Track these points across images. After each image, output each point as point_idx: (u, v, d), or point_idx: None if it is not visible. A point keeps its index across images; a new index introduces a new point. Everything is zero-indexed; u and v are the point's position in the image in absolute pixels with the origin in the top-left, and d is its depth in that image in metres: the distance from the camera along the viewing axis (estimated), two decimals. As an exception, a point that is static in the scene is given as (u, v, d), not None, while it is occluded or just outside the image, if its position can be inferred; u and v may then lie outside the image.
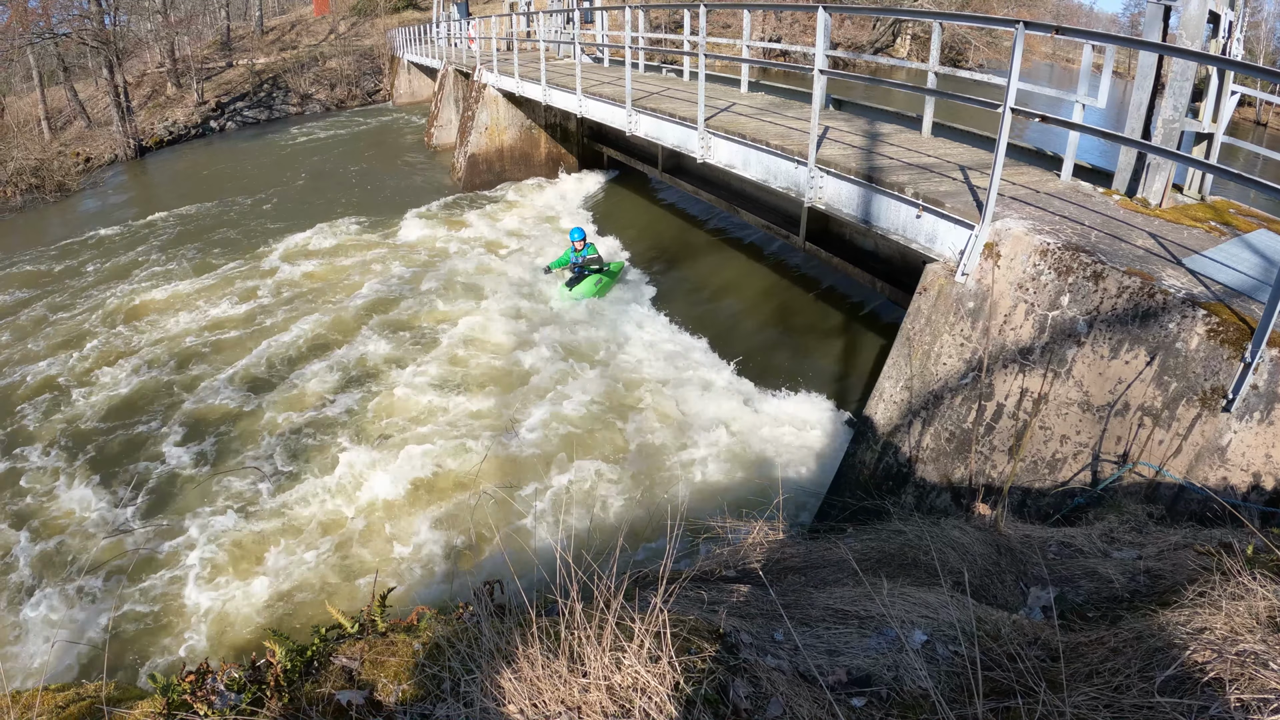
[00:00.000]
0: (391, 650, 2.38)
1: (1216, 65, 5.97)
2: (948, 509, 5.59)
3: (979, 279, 5.83)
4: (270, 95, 38.69)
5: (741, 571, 3.67)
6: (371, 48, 42.86)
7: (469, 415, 8.89)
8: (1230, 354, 4.39)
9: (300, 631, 6.03)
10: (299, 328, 11.40)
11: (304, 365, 10.36)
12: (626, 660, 2.09)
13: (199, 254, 15.45)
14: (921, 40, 46.82)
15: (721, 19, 40.20)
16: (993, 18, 6.94)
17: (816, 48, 7.58)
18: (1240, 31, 6.42)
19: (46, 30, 32.07)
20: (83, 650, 6.16)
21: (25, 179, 25.30)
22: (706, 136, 9.64)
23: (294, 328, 11.41)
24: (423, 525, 7.21)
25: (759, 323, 10.79)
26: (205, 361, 10.80)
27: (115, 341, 11.64)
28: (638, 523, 7.06)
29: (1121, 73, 32.71)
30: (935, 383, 6.01)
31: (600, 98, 13.27)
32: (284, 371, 10.28)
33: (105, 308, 12.87)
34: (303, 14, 51.83)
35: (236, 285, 13.53)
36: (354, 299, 12.38)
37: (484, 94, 18.58)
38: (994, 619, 2.60)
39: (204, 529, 7.35)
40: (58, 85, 35.24)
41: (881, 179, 7.03)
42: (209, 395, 9.80)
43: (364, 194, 19.76)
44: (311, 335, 11.21)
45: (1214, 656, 2.10)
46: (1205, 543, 3.23)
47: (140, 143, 31.24)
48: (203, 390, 9.95)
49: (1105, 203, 6.42)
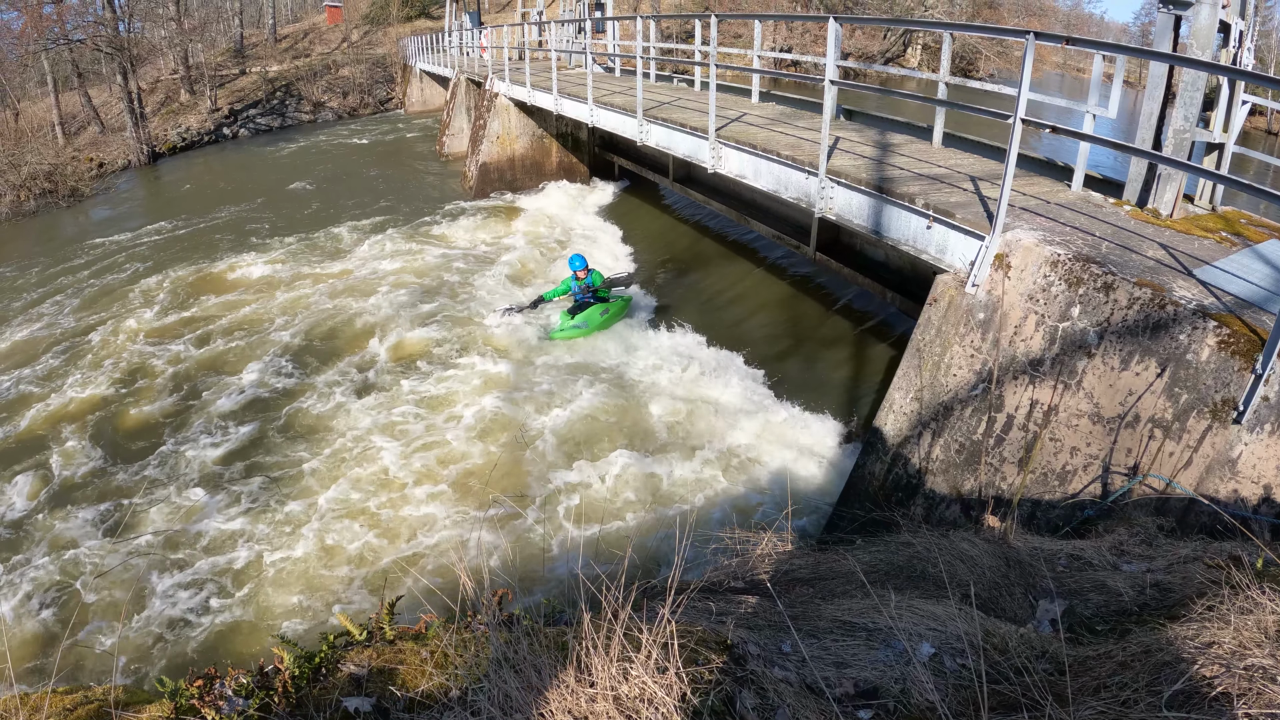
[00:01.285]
0: (399, 658, 2.39)
1: (1227, 75, 5.96)
2: (957, 521, 5.57)
3: (989, 290, 5.82)
4: (283, 103, 38.93)
5: (750, 582, 3.67)
6: (384, 56, 43.11)
7: (477, 427, 8.89)
8: (1241, 365, 4.38)
9: (308, 638, 6.07)
10: (304, 338, 11.46)
11: (306, 375, 10.39)
12: (634, 671, 2.10)
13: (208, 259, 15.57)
14: (932, 50, 46.86)
15: (733, 29, 40.29)
16: (1003, 28, 6.93)
17: (827, 59, 7.59)
18: (1251, 41, 6.41)
19: (61, 36, 32.42)
20: (92, 653, 6.19)
21: (39, 183, 25.56)
22: (718, 146, 9.66)
23: (298, 339, 11.47)
24: (431, 534, 7.22)
25: (769, 333, 10.79)
26: (207, 370, 10.90)
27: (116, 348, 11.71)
28: (647, 533, 7.06)
29: (1132, 82, 32.66)
30: (945, 394, 6.00)
31: (612, 107, 13.31)
32: (287, 383, 10.31)
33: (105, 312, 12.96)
34: (316, 22, 52.18)
35: (243, 291, 13.60)
36: (362, 308, 12.42)
37: (496, 103, 18.65)
38: (1002, 632, 2.60)
39: (211, 536, 7.38)
40: (72, 90, 35.56)
41: (892, 189, 7.03)
42: (214, 403, 9.86)
43: (376, 202, 19.83)
44: (318, 345, 11.28)
45: (1222, 671, 2.09)
46: (1215, 556, 3.21)
47: (153, 148, 31.50)
48: (208, 398, 10.02)
49: (1116, 213, 6.41)
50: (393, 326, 11.65)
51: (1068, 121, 6.54)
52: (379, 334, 11.39)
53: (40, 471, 8.80)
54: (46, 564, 7.26)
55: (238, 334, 11.86)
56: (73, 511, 8.01)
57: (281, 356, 10.90)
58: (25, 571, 7.21)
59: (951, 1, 49.85)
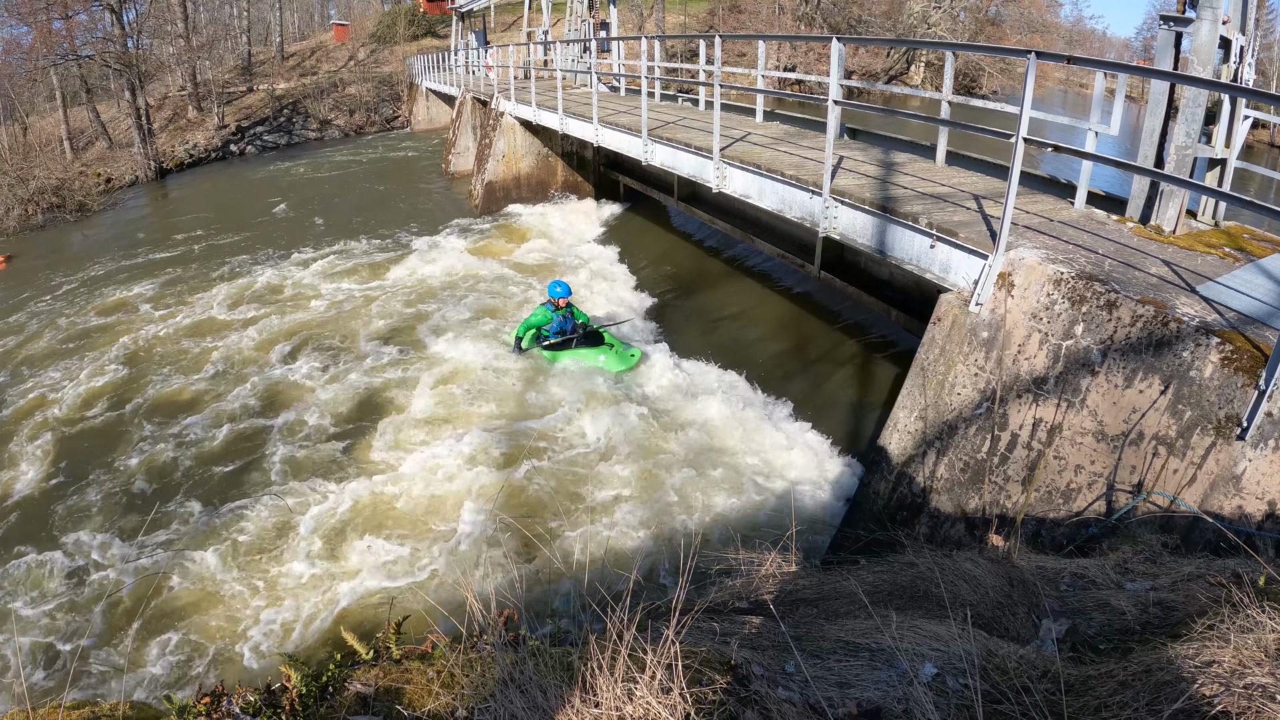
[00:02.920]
0: (406, 677, 2.40)
1: (1227, 92, 6.00)
2: (961, 540, 5.58)
3: (993, 309, 5.85)
4: (290, 120, 39.20)
5: (754, 603, 3.68)
6: (390, 74, 43.41)
7: (480, 446, 8.91)
8: (1244, 382, 4.39)
9: (316, 655, 6.08)
10: (305, 357, 11.53)
11: (305, 397, 10.41)
12: (638, 691, 2.11)
13: (219, 273, 15.64)
14: (935, 67, 47.04)
15: (737, 48, 40.49)
16: (1005, 47, 6.99)
17: (830, 79, 7.64)
18: (1252, 55, 6.44)
19: (70, 51, 32.71)
20: (101, 670, 6.21)
21: (47, 198, 25.80)
22: (722, 166, 9.71)
23: (300, 359, 11.53)
24: (437, 554, 7.23)
25: (773, 351, 10.80)
26: (209, 382, 10.97)
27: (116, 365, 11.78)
28: (652, 553, 7.06)
29: (1135, 97, 32.71)
30: (949, 413, 6.01)
31: (616, 127, 13.38)
32: (284, 401, 10.35)
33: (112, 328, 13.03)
34: (323, 40, 52.66)
35: (249, 307, 13.67)
36: (366, 326, 12.48)
37: (501, 122, 18.77)
38: (1003, 652, 2.61)
39: (221, 553, 7.40)
40: (80, 106, 35.87)
41: (896, 209, 7.07)
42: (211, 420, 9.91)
43: (381, 220, 19.93)
44: (318, 363, 11.34)
45: (1222, 690, 2.11)
46: (1218, 573, 3.22)
47: (161, 164, 31.75)
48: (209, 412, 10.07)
49: (1119, 230, 6.44)
50: (391, 340, 11.72)
51: (1070, 139, 6.59)
52: (369, 356, 11.44)
53: (50, 480, 8.85)
54: (59, 578, 7.31)
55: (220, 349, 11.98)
56: (81, 524, 8.05)
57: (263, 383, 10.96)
58: (36, 586, 7.24)
59: (954, 19, 50.06)
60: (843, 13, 49.75)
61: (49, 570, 7.52)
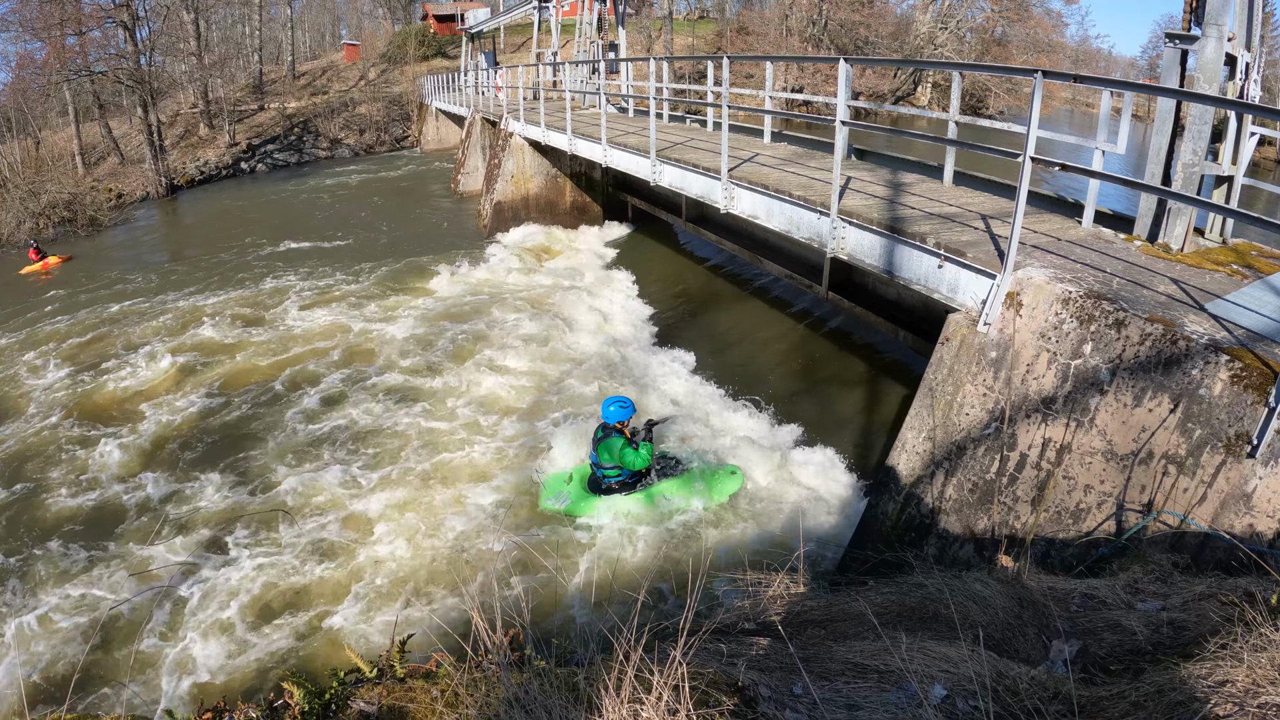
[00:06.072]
0: (410, 696, 2.39)
1: (1233, 109, 5.99)
2: (970, 561, 5.54)
3: (1001, 328, 5.83)
4: (300, 139, 39.53)
5: (761, 624, 3.66)
6: (400, 94, 43.78)
7: (490, 464, 8.91)
8: (1254, 399, 4.36)
9: (318, 671, 6.06)
10: (323, 383, 11.56)
11: (319, 419, 10.44)
12: (644, 712, 2.10)
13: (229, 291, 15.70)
14: (942, 88, 47.21)
15: (745, 69, 40.67)
16: (1012, 67, 6.99)
17: (838, 99, 7.65)
18: (1258, 72, 6.44)
19: (83, 68, 33.11)
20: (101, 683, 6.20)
21: (58, 212, 26.04)
22: (730, 187, 9.73)
23: (311, 389, 11.57)
24: (444, 573, 7.22)
25: (782, 372, 10.79)
26: (209, 395, 10.98)
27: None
28: (659, 573, 7.02)
29: (1141, 115, 32.72)
30: (958, 433, 5.98)
31: (625, 147, 13.43)
32: (288, 424, 10.38)
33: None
34: (334, 60, 53.15)
35: (261, 329, 13.72)
36: (379, 347, 12.52)
37: (510, 142, 18.85)
38: (1014, 673, 2.58)
39: (228, 572, 7.40)
40: (92, 122, 36.31)
41: (903, 229, 7.06)
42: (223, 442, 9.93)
43: (391, 240, 20.02)
44: (329, 388, 11.36)
45: (1235, 710, 2.08)
46: (1229, 592, 3.19)
47: (172, 181, 32.08)
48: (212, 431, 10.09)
49: (1127, 249, 6.42)
50: (399, 364, 11.74)
51: (1077, 158, 6.57)
52: (387, 371, 11.46)
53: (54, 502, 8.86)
54: (60, 592, 7.31)
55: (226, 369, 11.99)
56: (87, 537, 8.06)
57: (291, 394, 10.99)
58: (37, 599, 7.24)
59: (961, 40, 50.26)
60: (850, 34, 50.02)
61: (49, 573, 7.57)
